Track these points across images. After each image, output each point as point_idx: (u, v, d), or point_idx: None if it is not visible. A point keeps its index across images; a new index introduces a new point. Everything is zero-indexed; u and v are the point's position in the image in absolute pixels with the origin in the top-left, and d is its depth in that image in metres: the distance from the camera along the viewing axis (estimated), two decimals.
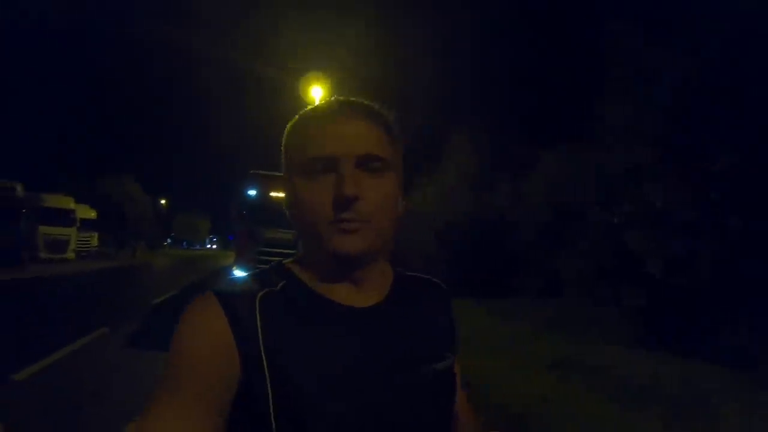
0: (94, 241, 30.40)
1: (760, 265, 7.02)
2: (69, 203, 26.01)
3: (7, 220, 19.47)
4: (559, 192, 12.52)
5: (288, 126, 0.87)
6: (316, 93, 21.76)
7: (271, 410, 0.71)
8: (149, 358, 5.87)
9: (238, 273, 11.54)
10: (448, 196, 17.62)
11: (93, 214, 30.67)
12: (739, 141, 7.13)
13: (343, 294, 0.82)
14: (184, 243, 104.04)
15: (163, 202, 70.57)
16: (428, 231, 17.29)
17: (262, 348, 0.73)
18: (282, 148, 0.87)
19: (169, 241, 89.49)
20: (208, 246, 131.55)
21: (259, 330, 0.74)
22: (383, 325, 0.83)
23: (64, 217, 24.63)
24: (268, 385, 0.71)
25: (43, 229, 23.09)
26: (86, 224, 28.26)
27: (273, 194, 12.65)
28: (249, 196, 12.54)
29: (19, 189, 21.44)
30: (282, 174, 0.87)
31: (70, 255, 24.83)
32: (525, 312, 11.49)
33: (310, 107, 0.87)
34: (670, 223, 7.19)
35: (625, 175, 8.02)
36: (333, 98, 0.86)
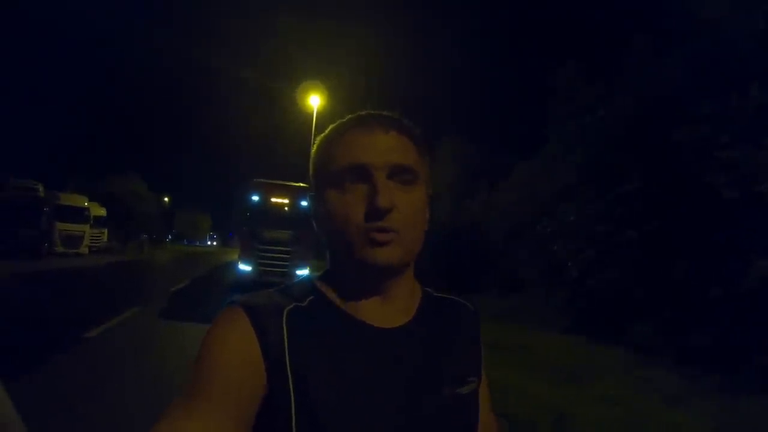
0: (105, 237, 32.10)
1: (654, 269, 8.92)
2: (83, 201, 27.75)
3: (30, 217, 21.45)
4: (521, 203, 14.40)
5: (318, 139, 0.86)
6: (314, 101, 23.41)
7: (294, 425, 0.71)
8: (174, 327, 8.54)
9: (243, 266, 13.69)
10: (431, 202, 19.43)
11: (103, 212, 32.47)
12: (641, 170, 9.04)
13: (370, 312, 0.81)
14: (185, 239, 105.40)
15: (166, 199, 72.45)
16: None
17: (287, 362, 0.73)
18: (311, 160, 0.86)
19: (170, 237, 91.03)
20: (208, 243, 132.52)
21: (286, 344, 0.74)
22: (408, 346, 0.82)
23: (78, 215, 26.16)
24: (292, 400, 0.71)
25: (60, 225, 24.57)
26: (97, 221, 29.89)
27: (273, 200, 14.66)
28: (252, 200, 14.56)
29: (41, 189, 23.38)
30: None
31: (84, 250, 26.38)
32: (486, 305, 13.46)
33: (340, 121, 0.85)
34: (583, 235, 9.12)
35: (555, 194, 9.98)
36: (363, 112, 0.84)
